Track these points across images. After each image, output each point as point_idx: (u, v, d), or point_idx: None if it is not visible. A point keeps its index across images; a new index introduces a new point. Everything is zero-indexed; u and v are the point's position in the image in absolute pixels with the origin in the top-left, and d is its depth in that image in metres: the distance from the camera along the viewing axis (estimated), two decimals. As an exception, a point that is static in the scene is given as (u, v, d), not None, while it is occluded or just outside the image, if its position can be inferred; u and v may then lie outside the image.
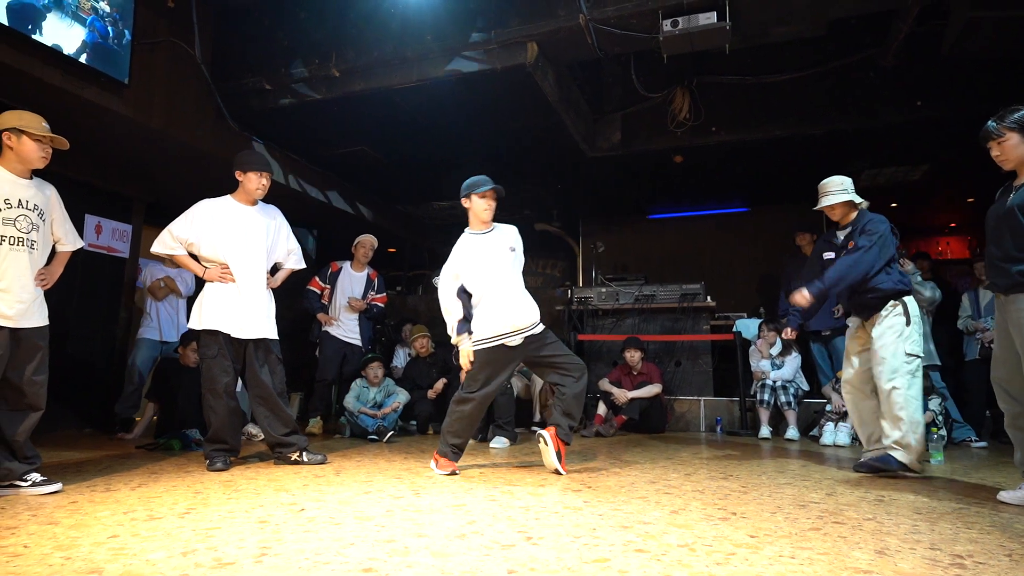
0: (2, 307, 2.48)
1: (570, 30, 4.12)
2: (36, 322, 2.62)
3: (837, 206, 3.43)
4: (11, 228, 2.53)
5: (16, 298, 2.52)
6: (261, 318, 3.39)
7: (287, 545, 1.82)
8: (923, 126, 5.30)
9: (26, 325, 2.57)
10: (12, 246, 2.53)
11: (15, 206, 2.55)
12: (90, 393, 5.31)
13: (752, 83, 5.45)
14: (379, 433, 4.58)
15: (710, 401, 5.73)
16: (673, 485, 2.87)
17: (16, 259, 2.54)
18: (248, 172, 3.42)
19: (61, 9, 3.85)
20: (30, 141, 2.59)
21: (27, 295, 2.57)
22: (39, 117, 2.64)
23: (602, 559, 1.72)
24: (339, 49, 4.71)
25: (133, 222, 5.72)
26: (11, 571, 1.58)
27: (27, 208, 2.60)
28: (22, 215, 2.57)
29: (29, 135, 2.58)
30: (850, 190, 3.42)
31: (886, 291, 3.23)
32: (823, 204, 3.44)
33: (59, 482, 2.64)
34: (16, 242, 2.54)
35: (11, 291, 2.50)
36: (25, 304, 2.56)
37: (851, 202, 3.42)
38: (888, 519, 2.24)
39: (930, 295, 4.92)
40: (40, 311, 2.66)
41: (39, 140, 2.61)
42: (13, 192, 2.56)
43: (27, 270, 2.58)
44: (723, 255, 7.78)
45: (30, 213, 2.61)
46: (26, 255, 2.58)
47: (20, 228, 2.56)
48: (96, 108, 4.21)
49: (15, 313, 2.52)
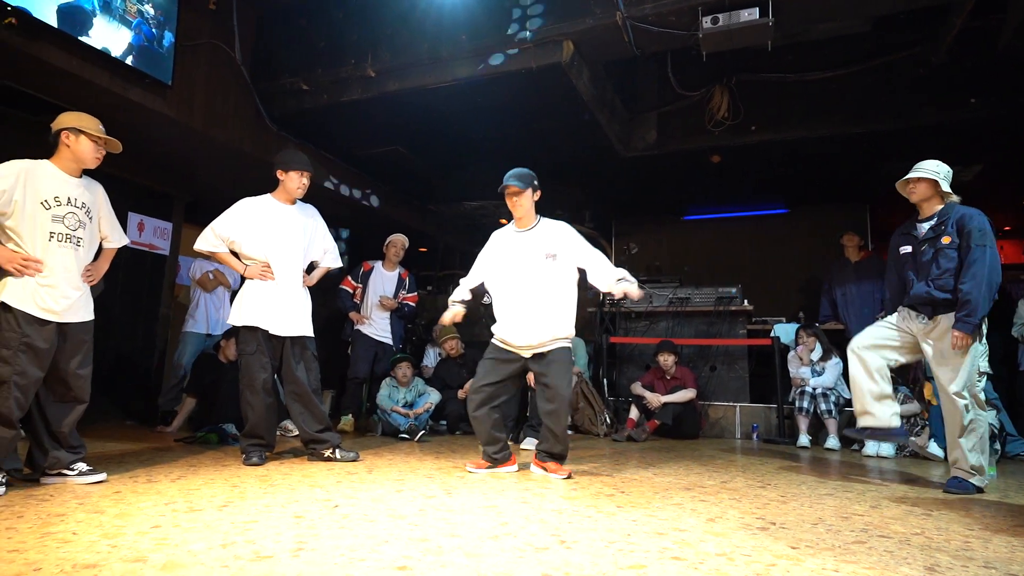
0: (49, 302, 2.54)
1: (606, 28, 4.07)
2: (82, 317, 2.69)
3: (921, 183, 3.12)
4: (59, 225, 2.60)
5: (62, 293, 2.58)
6: (299, 316, 3.44)
7: (323, 541, 1.83)
8: (976, 125, 5.08)
9: (72, 320, 2.63)
10: (60, 243, 2.60)
11: (64, 203, 2.62)
12: (132, 387, 5.47)
13: (793, 81, 5.31)
14: (411, 432, 4.60)
15: (746, 408, 5.60)
16: (709, 492, 2.80)
17: (63, 255, 2.60)
18: (290, 171, 3.47)
19: (109, 12, 3.97)
20: (88, 141, 2.66)
21: (73, 291, 2.63)
22: (96, 120, 2.72)
23: (638, 565, 1.68)
24: (375, 50, 4.76)
25: (173, 220, 5.88)
26: (62, 557, 1.62)
27: (75, 206, 2.66)
28: (70, 212, 2.64)
29: (87, 135, 2.66)
30: (943, 176, 3.11)
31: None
32: (912, 173, 3.14)
33: (104, 472, 2.71)
34: (63, 239, 2.61)
35: (58, 286, 2.57)
36: (71, 300, 2.62)
37: (937, 186, 3.11)
38: (938, 534, 2.15)
39: None
40: (86, 306, 2.72)
41: (95, 141, 2.68)
42: (63, 190, 2.63)
43: (73, 266, 2.65)
44: (761, 258, 7.61)
45: (78, 211, 2.67)
46: (72, 251, 2.64)
47: (68, 225, 2.62)
48: (140, 109, 4.33)
49: (62, 308, 2.58)
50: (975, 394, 3.00)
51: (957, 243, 3.02)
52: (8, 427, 2.44)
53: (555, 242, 3.14)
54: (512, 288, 3.13)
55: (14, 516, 2.03)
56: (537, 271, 3.10)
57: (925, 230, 3.16)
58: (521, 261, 3.13)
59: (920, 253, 3.17)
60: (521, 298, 3.10)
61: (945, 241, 3.03)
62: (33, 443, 2.64)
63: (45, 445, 2.62)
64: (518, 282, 3.12)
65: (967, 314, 2.90)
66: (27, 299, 2.49)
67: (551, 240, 3.15)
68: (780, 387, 5.29)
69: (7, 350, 2.43)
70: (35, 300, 2.50)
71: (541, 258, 3.10)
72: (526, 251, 3.14)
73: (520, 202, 3.15)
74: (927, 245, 3.13)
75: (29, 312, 2.48)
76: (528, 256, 3.12)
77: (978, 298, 2.89)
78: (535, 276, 3.10)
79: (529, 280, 3.10)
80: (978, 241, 2.95)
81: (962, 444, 2.99)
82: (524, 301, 3.10)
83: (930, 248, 3.12)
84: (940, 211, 3.13)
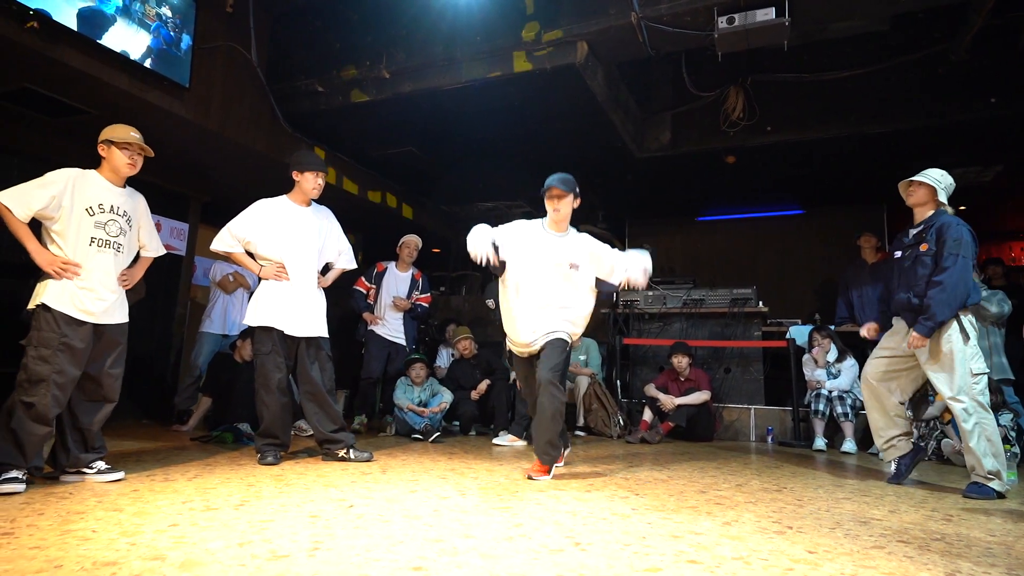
0: (87, 304, 2.63)
1: (621, 29, 4.06)
2: (117, 319, 2.77)
3: (922, 187, 3.18)
4: (101, 231, 2.70)
5: (99, 296, 2.67)
6: (313, 316, 3.46)
7: (338, 540, 1.83)
8: (997, 124, 5.01)
9: (108, 321, 2.72)
10: (100, 248, 2.70)
11: (107, 211, 2.73)
12: (149, 386, 5.53)
13: (810, 81, 5.26)
14: (425, 433, 4.60)
15: (761, 410, 5.55)
16: (724, 496, 2.78)
17: (101, 260, 2.70)
18: (305, 172, 3.49)
19: (128, 16, 4.02)
20: (117, 151, 2.76)
21: (110, 294, 2.72)
22: (129, 128, 2.80)
23: (654, 568, 1.67)
24: (389, 51, 4.78)
25: (190, 221, 5.94)
26: (82, 554, 1.64)
27: (117, 214, 2.77)
28: (112, 220, 2.75)
29: (116, 144, 2.75)
30: (944, 186, 3.16)
31: None
32: (915, 177, 3.21)
33: (122, 471, 2.76)
34: (103, 244, 2.71)
35: (95, 289, 2.66)
36: (108, 302, 2.71)
37: (935, 194, 3.15)
38: (958, 540, 2.12)
39: (997, 311, 4.61)
40: (121, 309, 2.81)
41: (124, 148, 2.77)
42: (106, 198, 2.74)
43: (111, 270, 2.74)
44: (776, 259, 7.55)
45: (119, 219, 2.78)
46: (112, 256, 2.74)
47: (109, 232, 2.73)
48: (159, 111, 4.38)
49: (99, 310, 2.67)
50: (974, 396, 2.98)
51: (934, 251, 3.06)
52: (43, 423, 2.50)
53: (578, 253, 3.13)
54: (533, 289, 3.09)
55: (35, 513, 2.06)
56: (560, 279, 3.09)
57: (912, 236, 3.23)
58: (547, 265, 3.09)
59: (904, 259, 3.23)
60: (540, 301, 3.08)
61: (923, 248, 3.10)
62: (58, 442, 2.69)
63: (68, 444, 2.67)
64: (541, 285, 3.08)
65: (926, 317, 2.98)
66: (66, 301, 2.57)
67: (576, 251, 3.14)
68: (795, 389, 5.23)
69: (47, 349, 2.51)
70: (74, 302, 2.59)
71: (565, 267, 3.09)
72: (554, 256, 3.10)
73: (561, 206, 3.10)
74: (910, 251, 3.19)
75: (68, 313, 2.57)
76: (555, 262, 3.09)
77: (940, 302, 2.95)
78: (558, 283, 3.09)
79: (552, 286, 3.08)
80: (952, 250, 2.99)
81: (974, 449, 2.97)
82: (542, 304, 3.07)
83: (912, 253, 3.18)
84: (928, 219, 3.18)
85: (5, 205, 2.51)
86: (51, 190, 2.58)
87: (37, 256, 2.57)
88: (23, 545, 1.70)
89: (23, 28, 3.49)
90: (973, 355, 3.02)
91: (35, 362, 2.49)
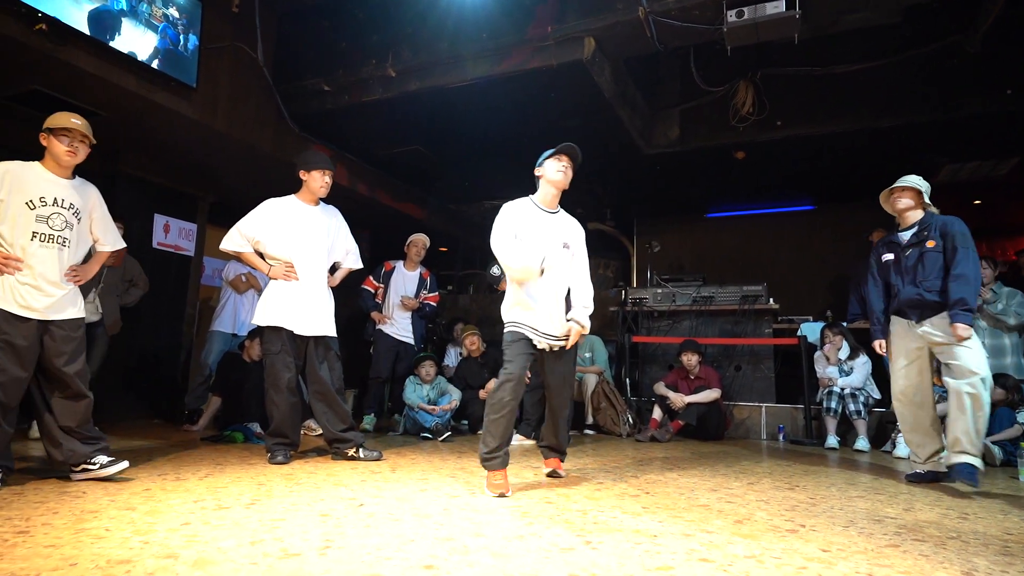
0: (30, 300, 2.55)
1: (628, 24, 4.03)
2: (68, 314, 2.68)
3: (908, 191, 3.31)
4: (43, 225, 2.61)
5: (44, 292, 2.59)
6: (322, 316, 3.46)
7: (349, 539, 1.83)
8: (1013, 116, 4.92)
9: (56, 317, 2.63)
10: (43, 242, 2.61)
11: (50, 204, 2.63)
12: (159, 385, 5.57)
13: (821, 74, 5.20)
14: (436, 432, 4.59)
15: (772, 408, 5.51)
16: (735, 494, 2.76)
17: (45, 255, 2.61)
18: (312, 171, 3.49)
19: (135, 17, 4.04)
20: (54, 139, 2.65)
21: (56, 289, 2.63)
22: (70, 114, 2.68)
23: (666, 567, 1.66)
24: (395, 49, 4.77)
25: (198, 221, 5.96)
26: (96, 552, 1.65)
27: (62, 207, 2.66)
28: (56, 213, 2.64)
29: (54, 132, 2.64)
30: (926, 187, 3.32)
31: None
32: (898, 183, 3.33)
33: (126, 460, 2.73)
34: (47, 239, 2.62)
35: (39, 286, 2.58)
36: (54, 298, 2.62)
37: (921, 196, 3.30)
38: (974, 538, 2.09)
39: (1016, 323, 4.54)
40: (72, 304, 2.71)
41: (63, 135, 2.65)
42: (49, 191, 2.64)
43: (55, 266, 2.64)
44: (787, 255, 7.49)
45: (64, 211, 2.67)
46: (56, 251, 2.65)
47: (53, 226, 2.63)
48: (166, 111, 4.40)
49: (43, 306, 2.59)
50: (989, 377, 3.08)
51: (942, 246, 3.18)
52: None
53: (570, 233, 2.95)
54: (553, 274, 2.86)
55: (50, 512, 2.07)
56: (558, 258, 2.88)
57: (908, 237, 3.33)
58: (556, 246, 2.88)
59: (904, 258, 3.32)
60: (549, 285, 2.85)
61: (930, 245, 3.22)
62: (47, 441, 2.66)
63: (59, 439, 2.63)
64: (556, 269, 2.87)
65: (964, 308, 3.04)
66: (7, 297, 2.51)
67: (569, 230, 2.96)
68: (807, 387, 5.19)
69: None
70: (14, 298, 2.52)
71: (559, 246, 2.88)
72: (550, 234, 2.89)
73: (570, 175, 2.91)
74: (911, 250, 3.29)
75: (8, 310, 2.50)
76: (552, 240, 2.88)
77: (970, 292, 3.07)
78: (556, 263, 2.87)
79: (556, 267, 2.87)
80: (963, 244, 3.12)
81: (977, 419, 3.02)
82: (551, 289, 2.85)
83: (915, 252, 3.27)
84: (921, 219, 3.32)
85: None
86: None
87: None
88: (38, 543, 1.71)
89: (32, 30, 3.51)
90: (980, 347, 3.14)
91: None
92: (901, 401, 3.33)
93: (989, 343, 4.59)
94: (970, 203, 7.28)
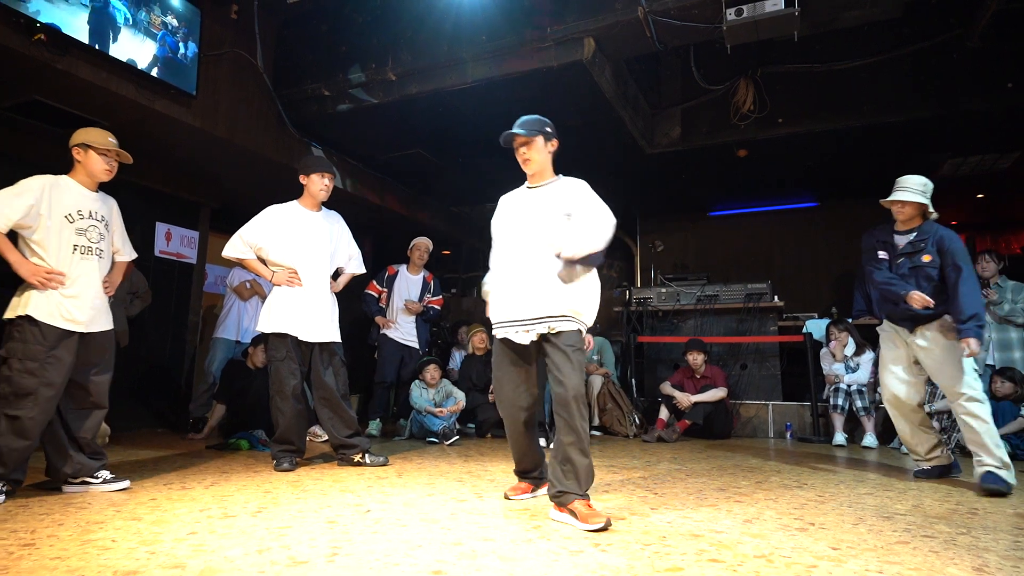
0: (75, 313, 2.59)
1: (628, 23, 4.03)
2: (103, 326, 2.73)
3: (909, 205, 3.22)
4: (82, 238, 2.65)
5: (88, 304, 2.63)
6: (326, 322, 3.45)
7: (357, 546, 1.82)
8: (1014, 110, 4.90)
9: (94, 329, 2.67)
10: (83, 255, 2.65)
11: (86, 217, 2.68)
12: (163, 394, 5.56)
13: (821, 71, 5.20)
14: (444, 436, 4.57)
15: (779, 406, 5.49)
16: (744, 493, 2.74)
17: (86, 267, 2.66)
18: (311, 174, 3.49)
19: (134, 25, 4.04)
20: (96, 155, 2.70)
21: (98, 301, 2.69)
22: (106, 132, 2.75)
23: (675, 568, 1.65)
24: (395, 53, 4.77)
25: (200, 229, 5.97)
26: (103, 563, 1.64)
27: (96, 219, 2.72)
28: (92, 225, 2.69)
29: (95, 149, 2.70)
30: (928, 194, 3.22)
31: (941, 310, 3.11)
32: (895, 197, 3.23)
33: (127, 479, 2.74)
34: (86, 251, 2.66)
35: (82, 298, 2.62)
36: (96, 310, 2.67)
37: (924, 207, 3.22)
38: (985, 534, 2.07)
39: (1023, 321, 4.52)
40: (106, 316, 2.77)
41: (104, 154, 2.72)
42: (84, 204, 2.69)
43: (95, 277, 2.69)
44: (791, 253, 7.48)
45: (98, 224, 2.73)
46: (95, 263, 2.70)
47: (90, 238, 2.68)
48: (166, 119, 4.40)
49: (87, 318, 2.63)
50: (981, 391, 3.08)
51: (938, 263, 3.12)
52: (25, 438, 2.45)
53: (570, 200, 2.45)
54: (516, 251, 2.45)
55: (55, 524, 2.07)
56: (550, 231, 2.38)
57: (904, 243, 3.26)
58: (531, 222, 2.44)
59: (896, 265, 3.26)
60: (525, 262, 2.40)
61: (926, 259, 3.15)
62: (53, 451, 2.65)
63: (68, 451, 2.63)
64: (523, 243, 2.43)
65: (979, 324, 2.99)
66: (53, 311, 2.53)
67: (568, 197, 2.46)
68: (813, 384, 5.17)
69: (33, 362, 2.46)
70: (60, 312, 2.54)
71: (557, 217, 2.41)
72: (538, 210, 2.45)
73: (530, 154, 2.51)
74: (904, 258, 3.23)
75: (55, 324, 2.52)
76: (540, 215, 2.43)
77: (980, 308, 3.02)
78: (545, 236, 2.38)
79: (537, 241, 2.39)
80: (963, 260, 3.08)
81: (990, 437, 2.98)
82: (527, 265, 2.39)
83: (907, 262, 3.21)
84: (921, 227, 3.22)
85: None
86: (27, 199, 2.51)
87: (20, 267, 2.50)
88: (44, 556, 1.70)
89: (31, 40, 3.52)
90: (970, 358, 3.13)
91: (20, 375, 2.43)
92: (893, 405, 3.33)
93: (996, 337, 4.58)
94: (973, 197, 7.26)
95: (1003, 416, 4.09)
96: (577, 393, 2.25)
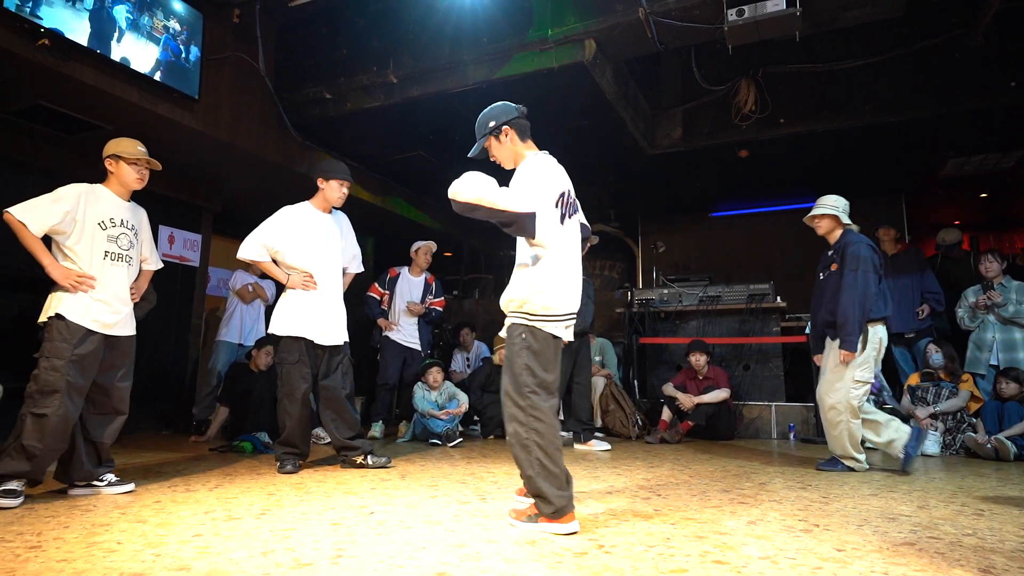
0: (103, 316, 2.67)
1: (629, 25, 4.03)
2: (128, 331, 2.81)
3: (823, 219, 3.49)
4: (113, 244, 2.75)
5: (114, 308, 2.72)
6: (340, 325, 3.47)
7: (361, 548, 1.83)
8: (1017, 109, 4.89)
9: (120, 334, 2.75)
10: (113, 261, 2.74)
11: (118, 224, 2.78)
12: (167, 397, 5.57)
13: (822, 71, 5.19)
14: (447, 438, 4.57)
15: (782, 407, 5.48)
16: (748, 494, 2.74)
17: (115, 273, 2.74)
18: (331, 179, 3.49)
19: (137, 30, 4.06)
20: (127, 166, 2.80)
21: (124, 306, 2.77)
22: (135, 142, 2.83)
23: (680, 570, 1.65)
24: (396, 56, 4.78)
25: (202, 232, 5.98)
26: (108, 566, 1.65)
27: (127, 227, 2.82)
28: (123, 233, 2.79)
29: (125, 160, 2.79)
30: (842, 209, 3.48)
31: None
32: (812, 211, 3.54)
33: (132, 482, 2.77)
34: (116, 257, 2.75)
35: (110, 302, 2.70)
36: (122, 315, 2.76)
37: (838, 220, 3.47)
38: (991, 535, 2.06)
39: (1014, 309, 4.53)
40: (131, 321, 2.85)
41: (134, 163, 2.80)
42: (116, 212, 2.78)
43: (124, 283, 2.79)
44: (793, 253, 7.45)
45: (128, 232, 2.83)
46: (124, 269, 2.79)
47: (121, 245, 2.78)
48: (169, 123, 4.42)
49: (114, 322, 2.71)
50: (849, 400, 3.34)
51: (841, 270, 3.38)
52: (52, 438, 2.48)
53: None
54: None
55: (61, 526, 2.07)
56: None
57: (827, 258, 3.54)
58: None
59: (824, 280, 3.54)
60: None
61: (833, 268, 3.40)
62: (68, 455, 2.67)
63: (82, 458, 2.68)
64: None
65: (847, 333, 3.23)
66: (83, 313, 2.60)
67: None
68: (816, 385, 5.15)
69: (59, 360, 2.53)
70: (90, 314, 2.62)
71: None
72: None
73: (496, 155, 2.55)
74: (825, 273, 3.52)
75: (83, 325, 2.60)
76: None
77: (851, 318, 3.23)
78: None
79: None
80: (851, 266, 3.27)
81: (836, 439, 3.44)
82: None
83: (827, 275, 3.49)
84: (838, 241, 3.48)
85: (20, 221, 2.53)
86: (64, 205, 2.61)
87: (52, 270, 2.60)
88: (51, 558, 1.71)
89: (35, 46, 3.53)
90: (861, 363, 3.31)
91: (47, 372, 2.51)
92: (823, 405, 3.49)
93: (1000, 338, 4.57)
94: (977, 196, 7.25)
95: (1009, 417, 4.07)
96: None
